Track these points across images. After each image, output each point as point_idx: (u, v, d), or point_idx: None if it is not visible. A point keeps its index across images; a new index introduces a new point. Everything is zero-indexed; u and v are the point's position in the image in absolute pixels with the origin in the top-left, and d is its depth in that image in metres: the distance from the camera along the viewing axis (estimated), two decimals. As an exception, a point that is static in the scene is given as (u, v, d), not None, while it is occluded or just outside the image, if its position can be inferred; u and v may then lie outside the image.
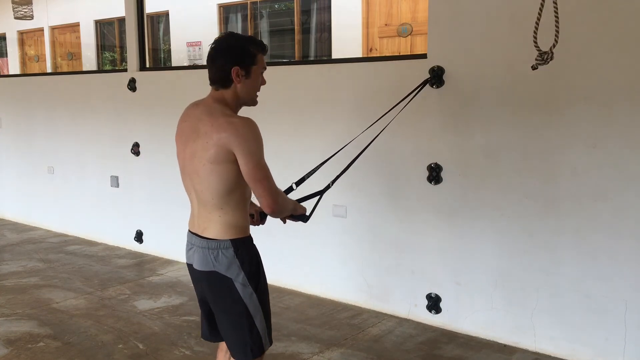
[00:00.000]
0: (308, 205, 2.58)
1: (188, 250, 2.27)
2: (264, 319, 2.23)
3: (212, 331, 2.36)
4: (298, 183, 2.74)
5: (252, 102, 2.25)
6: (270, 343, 2.28)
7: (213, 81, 2.19)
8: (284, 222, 2.51)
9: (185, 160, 2.19)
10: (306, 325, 3.77)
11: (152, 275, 4.85)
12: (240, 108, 2.25)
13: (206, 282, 2.21)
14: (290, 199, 2.36)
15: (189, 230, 2.28)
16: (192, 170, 2.16)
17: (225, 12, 9.62)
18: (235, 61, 2.13)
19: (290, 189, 2.65)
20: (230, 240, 2.15)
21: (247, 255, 2.19)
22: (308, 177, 2.79)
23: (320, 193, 2.80)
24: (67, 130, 6.08)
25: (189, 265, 2.30)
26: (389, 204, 3.89)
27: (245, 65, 2.15)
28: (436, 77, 3.56)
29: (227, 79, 2.15)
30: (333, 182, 2.91)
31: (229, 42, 2.17)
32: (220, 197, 2.13)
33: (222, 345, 2.46)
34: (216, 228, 2.16)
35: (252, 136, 2.06)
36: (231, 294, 2.16)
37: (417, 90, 3.53)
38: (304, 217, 2.46)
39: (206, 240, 2.17)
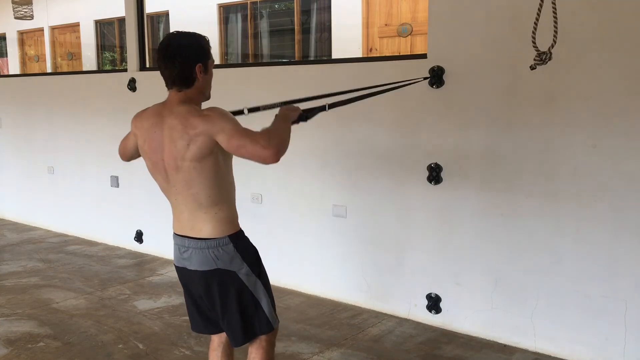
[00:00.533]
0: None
1: (182, 253, 2.28)
2: (269, 301, 2.34)
3: (206, 324, 2.43)
4: (251, 110, 2.56)
5: (209, 95, 2.27)
6: (277, 322, 2.39)
7: (174, 82, 2.15)
8: None
9: (168, 169, 2.18)
10: (306, 325, 3.77)
11: (152, 275, 4.85)
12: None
13: (208, 280, 2.24)
14: (279, 122, 2.23)
15: (177, 234, 2.30)
16: (182, 178, 2.16)
17: (225, 12, 9.63)
18: (196, 58, 2.14)
19: (240, 112, 2.48)
20: (228, 236, 2.22)
21: (246, 248, 2.28)
22: (264, 109, 2.61)
23: (315, 109, 2.61)
24: (67, 130, 6.08)
25: (182, 268, 2.32)
26: (389, 204, 3.89)
27: (204, 61, 2.17)
28: (436, 77, 3.56)
29: (190, 77, 2.14)
30: (330, 106, 2.74)
31: (184, 42, 2.16)
32: (216, 193, 2.17)
33: (213, 345, 2.50)
34: (212, 226, 2.19)
35: (221, 116, 2.10)
36: (236, 286, 2.24)
37: (414, 81, 3.52)
38: (302, 117, 2.42)
39: (204, 241, 2.20)
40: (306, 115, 2.44)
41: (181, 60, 2.12)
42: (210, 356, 2.51)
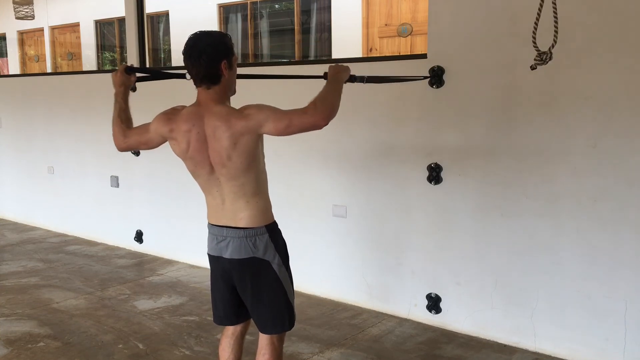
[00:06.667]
0: None
1: (218, 242, 2.34)
2: (293, 294, 2.44)
3: (228, 315, 2.49)
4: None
5: (235, 90, 2.37)
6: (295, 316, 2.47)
7: (202, 79, 2.24)
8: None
9: (214, 164, 2.25)
10: (306, 325, 3.77)
11: (152, 275, 4.85)
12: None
13: (244, 268, 2.32)
14: (329, 86, 2.37)
15: (214, 225, 2.35)
16: (228, 172, 2.24)
17: (225, 12, 9.63)
18: (221, 56, 2.22)
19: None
20: (265, 226, 2.31)
21: (279, 239, 2.39)
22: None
23: (358, 77, 2.85)
24: (67, 130, 6.08)
25: (216, 258, 2.38)
26: (389, 204, 3.89)
27: (229, 58, 2.25)
28: (436, 77, 3.56)
29: (216, 74, 2.22)
30: (367, 80, 2.98)
31: (208, 41, 2.24)
32: (259, 183, 2.29)
33: (227, 332, 2.55)
34: (252, 215, 2.28)
35: (258, 109, 2.21)
36: (270, 275, 2.33)
37: (415, 78, 3.53)
38: (351, 78, 2.61)
39: (243, 230, 2.28)
40: (354, 77, 2.59)
41: (207, 58, 2.19)
42: (222, 342, 2.56)
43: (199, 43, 2.22)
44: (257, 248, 2.29)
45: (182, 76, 2.86)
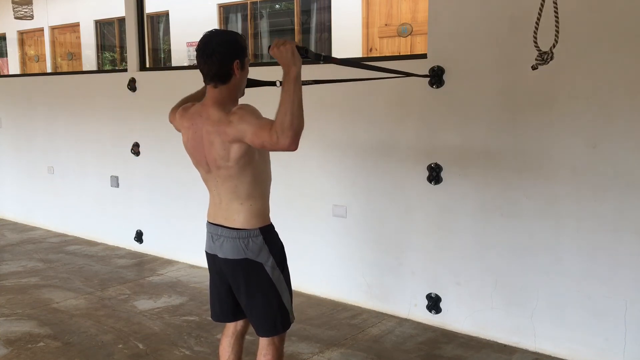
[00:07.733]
0: None
1: (214, 241, 2.35)
2: (289, 297, 2.41)
3: (225, 313, 2.50)
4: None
5: (244, 91, 2.36)
6: (293, 318, 2.44)
7: (212, 78, 2.21)
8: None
9: (210, 165, 2.27)
10: (306, 325, 3.77)
11: (152, 275, 4.85)
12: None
13: (236, 268, 2.32)
14: (286, 95, 2.05)
15: (211, 223, 2.37)
16: (223, 173, 2.24)
17: (225, 12, 9.63)
18: (234, 55, 2.20)
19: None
20: (259, 228, 2.29)
21: (274, 242, 2.36)
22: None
23: (312, 53, 2.36)
24: (67, 130, 6.08)
25: (212, 256, 2.39)
26: (389, 204, 3.89)
27: (241, 58, 2.23)
28: (436, 77, 3.56)
29: (227, 73, 2.20)
30: (325, 59, 2.55)
31: (222, 39, 2.23)
32: (254, 187, 2.27)
33: (228, 332, 2.56)
34: (245, 217, 2.27)
35: (240, 119, 2.12)
36: (262, 277, 2.31)
37: (415, 74, 3.51)
38: (302, 54, 2.14)
39: (236, 231, 2.28)
40: (305, 49, 2.20)
41: (219, 56, 2.18)
42: (222, 342, 2.57)
43: (212, 40, 2.21)
44: (250, 249, 2.28)
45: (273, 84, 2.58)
